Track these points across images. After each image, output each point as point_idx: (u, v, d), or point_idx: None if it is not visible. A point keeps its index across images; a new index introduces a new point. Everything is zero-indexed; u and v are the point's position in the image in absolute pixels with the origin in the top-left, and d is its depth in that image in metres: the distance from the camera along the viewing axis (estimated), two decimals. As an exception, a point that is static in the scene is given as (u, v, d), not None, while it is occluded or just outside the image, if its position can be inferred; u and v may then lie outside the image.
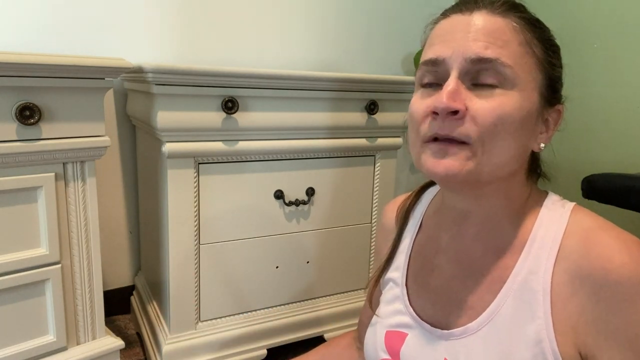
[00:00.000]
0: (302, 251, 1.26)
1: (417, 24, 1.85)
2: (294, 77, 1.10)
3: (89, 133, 0.91)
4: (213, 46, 1.51)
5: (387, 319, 0.62)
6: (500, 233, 0.54)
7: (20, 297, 0.89)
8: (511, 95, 0.48)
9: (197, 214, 1.09)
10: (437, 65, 0.50)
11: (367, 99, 1.23)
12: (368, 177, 1.32)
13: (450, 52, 0.49)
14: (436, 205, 0.65)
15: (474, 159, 0.48)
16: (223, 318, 1.19)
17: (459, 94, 0.48)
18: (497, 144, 0.48)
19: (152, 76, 0.96)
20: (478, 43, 0.48)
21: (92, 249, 0.97)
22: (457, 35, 0.49)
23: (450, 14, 0.52)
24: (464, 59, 0.48)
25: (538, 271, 0.49)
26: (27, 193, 0.87)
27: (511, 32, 0.49)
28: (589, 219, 0.50)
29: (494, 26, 0.49)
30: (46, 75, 0.83)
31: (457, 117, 0.47)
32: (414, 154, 0.54)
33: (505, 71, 0.48)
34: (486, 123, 0.47)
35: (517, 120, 0.48)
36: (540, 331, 0.47)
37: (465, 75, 0.49)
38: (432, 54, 0.51)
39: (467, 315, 0.54)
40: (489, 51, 0.47)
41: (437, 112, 0.48)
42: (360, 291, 1.39)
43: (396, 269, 0.65)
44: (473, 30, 0.49)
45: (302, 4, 1.63)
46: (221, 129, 1.06)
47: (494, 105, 0.47)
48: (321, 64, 1.70)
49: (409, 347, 0.58)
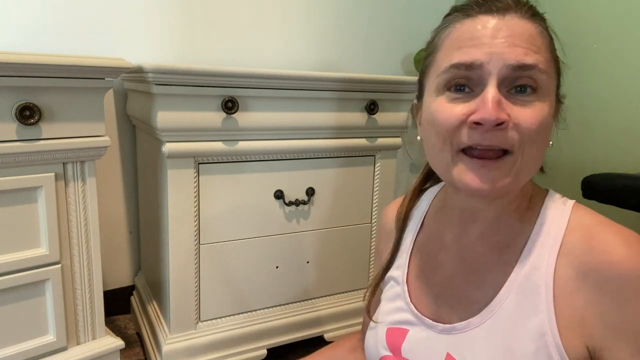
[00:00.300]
0: (302, 251, 1.26)
1: (417, 24, 1.85)
2: (294, 77, 1.10)
3: (89, 133, 0.91)
4: (213, 46, 1.51)
5: (388, 316, 0.62)
6: (504, 231, 0.55)
7: (20, 297, 0.89)
8: (545, 102, 0.48)
9: (197, 214, 1.09)
10: (471, 70, 0.48)
11: (367, 99, 1.23)
12: (368, 177, 1.32)
13: (489, 57, 0.47)
14: (438, 204, 0.65)
15: (513, 169, 0.48)
16: (223, 318, 1.19)
17: (502, 103, 0.47)
18: (533, 151, 0.48)
19: (152, 76, 0.96)
20: (518, 49, 0.47)
21: (92, 249, 0.97)
22: (495, 40, 0.47)
23: (476, 14, 0.50)
24: (505, 65, 0.46)
25: (540, 266, 0.49)
26: (27, 193, 0.87)
27: (541, 37, 0.49)
28: (590, 215, 0.51)
29: (528, 31, 0.48)
30: (46, 75, 0.83)
31: (501, 127, 0.46)
32: (440, 164, 0.52)
33: (541, 77, 0.47)
34: (530, 132, 0.47)
35: (550, 125, 0.49)
36: (543, 325, 0.47)
37: (503, 82, 0.47)
38: (466, 57, 0.48)
39: (470, 310, 0.54)
40: (529, 57, 0.47)
41: (482, 122, 0.46)
42: (360, 291, 1.39)
43: (397, 267, 0.66)
44: (510, 34, 0.47)
45: (302, 4, 1.63)
46: (221, 129, 1.06)
47: (535, 113, 0.47)
48: (321, 64, 1.70)
49: (410, 343, 0.58)
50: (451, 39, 0.51)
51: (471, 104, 0.48)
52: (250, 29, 1.55)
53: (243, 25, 1.54)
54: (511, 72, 0.47)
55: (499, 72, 0.47)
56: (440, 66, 0.51)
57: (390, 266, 0.67)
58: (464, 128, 0.48)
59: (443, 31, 0.53)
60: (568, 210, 0.52)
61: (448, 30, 0.52)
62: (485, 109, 0.46)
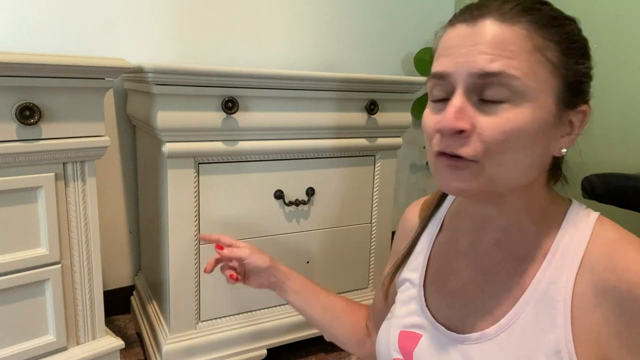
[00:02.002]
0: (302, 251, 1.26)
1: (417, 24, 1.85)
2: (294, 77, 1.10)
3: (89, 133, 0.91)
4: (213, 46, 1.51)
5: (402, 319, 0.62)
6: (521, 241, 0.53)
7: (20, 297, 0.89)
8: (520, 108, 0.46)
9: (197, 214, 1.09)
10: (443, 80, 0.49)
11: (367, 99, 1.23)
12: (368, 177, 1.32)
13: (455, 67, 0.47)
14: (456, 207, 0.64)
15: (483, 175, 0.47)
16: (223, 318, 1.19)
17: (465, 112, 0.47)
18: (508, 158, 0.47)
19: (152, 76, 0.96)
20: (483, 56, 0.46)
21: (92, 249, 0.97)
22: (462, 49, 0.47)
23: (456, 22, 0.50)
24: (469, 74, 0.46)
25: (559, 281, 0.48)
26: (27, 193, 0.87)
27: (520, 40, 0.46)
28: (614, 230, 0.49)
29: (500, 36, 0.46)
30: (46, 75, 0.83)
31: (463, 135, 0.47)
32: (430, 164, 0.54)
33: (513, 83, 0.46)
34: (492, 140, 0.46)
35: (528, 132, 0.47)
36: (560, 341, 0.47)
37: (472, 91, 0.47)
38: (438, 67, 0.50)
39: (483, 320, 0.53)
40: (495, 64, 0.45)
41: (440, 131, 0.48)
42: (360, 291, 1.39)
43: (414, 269, 0.65)
44: (478, 41, 0.47)
45: (302, 4, 1.63)
46: (221, 129, 1.06)
47: (500, 121, 0.46)
48: (321, 64, 1.70)
49: (422, 349, 0.57)
50: (438, 48, 0.53)
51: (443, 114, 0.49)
52: (250, 29, 1.55)
53: (243, 25, 1.54)
54: (477, 80, 0.46)
55: (463, 80, 0.47)
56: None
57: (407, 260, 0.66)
58: (437, 134, 0.50)
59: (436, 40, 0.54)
60: (591, 224, 0.50)
61: (438, 39, 0.53)
62: (445, 117, 0.47)
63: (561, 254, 0.50)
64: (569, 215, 0.52)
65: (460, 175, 0.48)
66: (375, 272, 1.39)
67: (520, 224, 0.53)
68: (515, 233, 0.54)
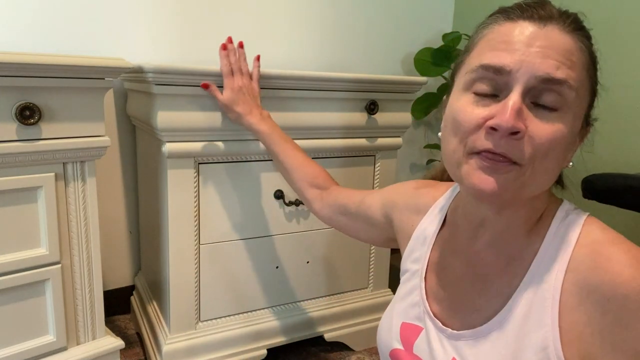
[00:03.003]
0: (302, 251, 1.26)
1: (417, 24, 1.85)
2: (294, 77, 1.10)
3: (89, 133, 0.91)
4: (213, 46, 1.50)
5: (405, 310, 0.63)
6: (514, 242, 0.54)
7: (20, 297, 0.89)
8: (567, 120, 0.47)
9: (197, 214, 1.09)
10: (499, 74, 0.47)
11: (367, 99, 1.23)
12: (368, 177, 1.32)
13: (519, 65, 0.46)
14: (456, 203, 0.64)
15: (520, 179, 0.47)
16: (223, 318, 1.19)
17: (522, 113, 0.46)
18: (544, 166, 0.47)
19: (152, 76, 0.96)
20: (550, 61, 0.45)
21: (92, 249, 0.97)
22: (530, 48, 0.46)
23: (517, 18, 0.48)
24: (533, 76, 0.45)
25: (549, 280, 0.49)
26: (27, 193, 0.87)
27: (578, 54, 0.47)
28: (600, 231, 0.50)
29: (566, 45, 0.46)
30: (46, 75, 0.83)
31: (516, 137, 0.46)
32: (452, 163, 0.52)
33: (569, 94, 0.46)
34: (542, 147, 0.46)
35: (566, 143, 0.47)
36: (547, 338, 0.47)
37: (528, 92, 0.46)
38: (496, 60, 0.47)
39: (472, 317, 0.55)
40: (560, 72, 0.45)
41: (497, 128, 0.46)
42: (360, 291, 1.39)
43: (416, 260, 0.65)
44: (545, 44, 0.46)
45: (302, 5, 1.63)
46: (221, 129, 1.06)
47: (553, 129, 0.46)
48: (321, 64, 1.70)
49: (422, 341, 0.59)
50: (487, 39, 0.50)
51: (492, 109, 0.47)
52: (250, 29, 1.55)
53: (243, 25, 1.54)
54: (539, 84, 0.46)
55: (526, 81, 0.46)
56: (471, 64, 0.50)
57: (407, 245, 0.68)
58: (480, 131, 0.48)
59: (482, 30, 0.52)
60: (580, 225, 0.51)
61: (487, 31, 0.51)
62: (503, 115, 0.45)
63: (550, 255, 0.50)
64: (559, 216, 0.53)
65: (499, 178, 0.47)
66: (375, 272, 1.39)
67: (515, 229, 0.54)
68: (509, 236, 0.54)
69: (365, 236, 0.83)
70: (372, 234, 0.80)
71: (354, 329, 1.35)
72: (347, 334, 1.35)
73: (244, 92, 0.98)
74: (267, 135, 0.96)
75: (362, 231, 0.82)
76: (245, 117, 0.98)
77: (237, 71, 1.00)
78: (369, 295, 1.39)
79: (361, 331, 1.36)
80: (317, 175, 0.92)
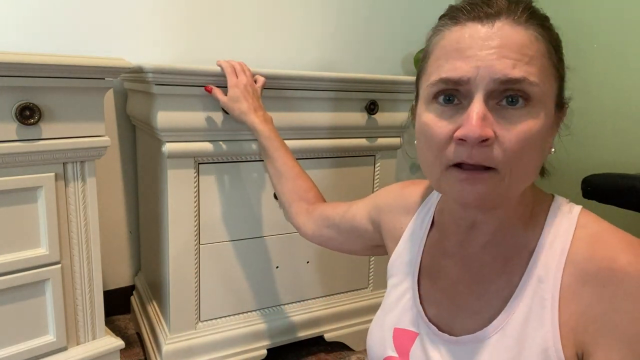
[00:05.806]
0: (302, 251, 1.26)
1: (417, 24, 1.85)
2: (294, 77, 1.10)
3: (89, 133, 0.91)
4: (213, 46, 1.51)
5: (396, 316, 0.61)
6: (509, 241, 0.53)
7: (20, 297, 0.89)
8: (536, 114, 0.46)
9: (197, 214, 1.09)
10: (459, 85, 0.46)
11: (367, 99, 1.23)
12: (368, 177, 1.32)
13: (476, 71, 0.45)
14: (442, 205, 0.63)
15: (502, 183, 0.47)
16: (223, 318, 1.19)
17: (487, 119, 0.45)
18: (522, 165, 0.47)
19: (152, 76, 0.96)
20: (505, 61, 0.44)
21: (92, 249, 0.97)
22: (482, 52, 0.45)
23: (465, 21, 0.47)
24: (492, 79, 0.45)
25: (547, 279, 0.49)
26: (27, 193, 0.87)
27: (535, 45, 0.46)
28: (596, 223, 0.50)
29: (520, 40, 0.45)
30: (46, 75, 0.83)
31: (486, 144, 0.45)
32: (432, 176, 0.51)
33: (532, 90, 0.45)
34: (514, 149, 0.45)
35: (540, 137, 0.47)
36: (547, 339, 0.47)
37: (490, 96, 0.46)
38: (452, 73, 0.46)
39: (472, 320, 0.54)
40: (517, 70, 0.44)
41: (465, 139, 0.45)
42: (360, 291, 1.39)
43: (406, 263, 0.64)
44: (499, 44, 0.45)
45: (302, 4, 1.63)
46: (221, 129, 1.06)
47: (521, 130, 0.45)
48: (321, 64, 1.70)
49: (419, 348, 0.57)
50: (440, 47, 0.49)
51: (457, 120, 0.47)
52: (250, 29, 1.55)
53: (243, 25, 1.54)
54: (498, 86, 0.45)
55: (485, 86, 0.45)
56: (430, 76, 0.50)
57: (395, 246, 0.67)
58: (451, 144, 0.47)
59: (434, 37, 0.51)
60: (574, 219, 0.50)
61: (438, 37, 0.50)
62: (469, 125, 0.45)
63: (547, 252, 0.50)
64: (552, 212, 0.53)
65: (481, 187, 0.46)
66: (375, 272, 1.39)
67: (509, 227, 0.53)
68: (503, 235, 0.54)
69: (348, 247, 0.83)
70: (356, 244, 0.80)
71: (354, 329, 1.35)
72: (347, 334, 1.35)
73: (248, 90, 0.98)
74: (267, 137, 0.95)
75: (345, 243, 0.82)
76: (249, 115, 0.96)
77: (241, 71, 1.00)
78: (369, 295, 1.39)
79: (361, 331, 1.36)
80: (309, 189, 0.91)
